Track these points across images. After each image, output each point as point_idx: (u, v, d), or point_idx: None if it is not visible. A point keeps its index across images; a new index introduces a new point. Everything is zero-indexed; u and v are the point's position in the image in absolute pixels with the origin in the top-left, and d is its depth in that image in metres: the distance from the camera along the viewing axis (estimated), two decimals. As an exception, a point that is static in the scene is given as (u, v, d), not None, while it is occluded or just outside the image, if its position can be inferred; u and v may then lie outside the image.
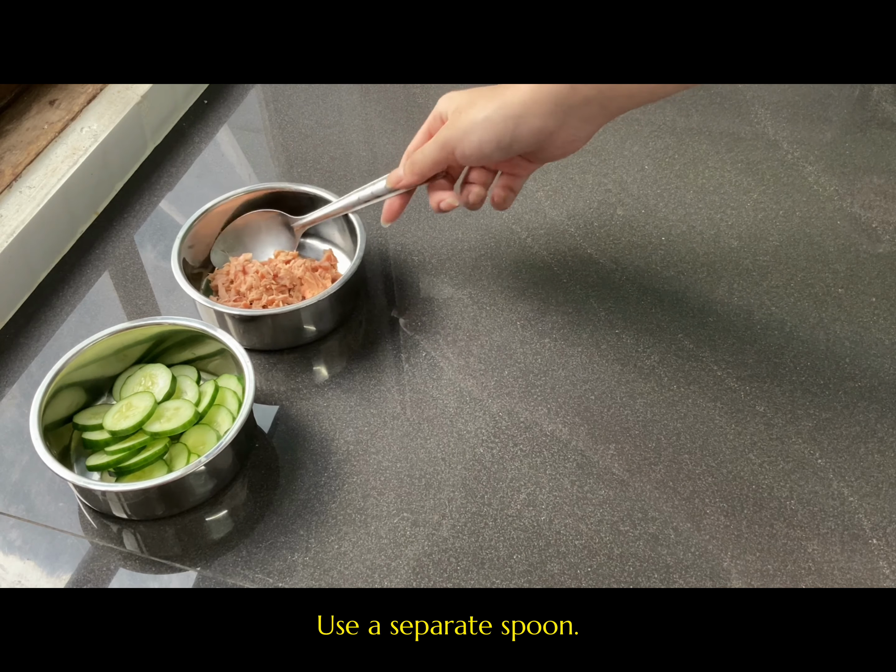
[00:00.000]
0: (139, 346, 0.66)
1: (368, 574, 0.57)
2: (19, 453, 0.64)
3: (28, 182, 0.77)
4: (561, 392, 0.67)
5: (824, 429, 0.64)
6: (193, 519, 0.61)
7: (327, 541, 0.59)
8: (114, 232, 0.81)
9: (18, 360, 0.71)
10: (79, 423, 0.64)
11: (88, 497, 0.60)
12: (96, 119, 0.84)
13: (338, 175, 0.86)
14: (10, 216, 0.74)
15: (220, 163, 0.89)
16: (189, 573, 0.58)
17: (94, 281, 0.77)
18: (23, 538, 0.60)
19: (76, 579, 0.58)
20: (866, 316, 0.72)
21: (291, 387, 0.68)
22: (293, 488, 0.62)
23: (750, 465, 0.62)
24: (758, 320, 0.72)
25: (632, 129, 0.90)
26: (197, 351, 0.67)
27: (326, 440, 0.65)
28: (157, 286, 0.77)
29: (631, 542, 0.58)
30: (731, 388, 0.67)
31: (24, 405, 0.67)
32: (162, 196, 0.85)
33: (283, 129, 0.93)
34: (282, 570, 0.57)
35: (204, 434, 0.62)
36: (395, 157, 0.88)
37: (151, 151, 0.89)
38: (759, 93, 0.93)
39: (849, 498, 0.60)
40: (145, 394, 0.63)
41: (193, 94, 0.95)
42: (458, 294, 0.75)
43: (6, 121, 0.82)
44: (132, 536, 0.60)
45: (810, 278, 0.75)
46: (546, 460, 0.63)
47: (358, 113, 0.95)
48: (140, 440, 0.61)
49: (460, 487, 0.62)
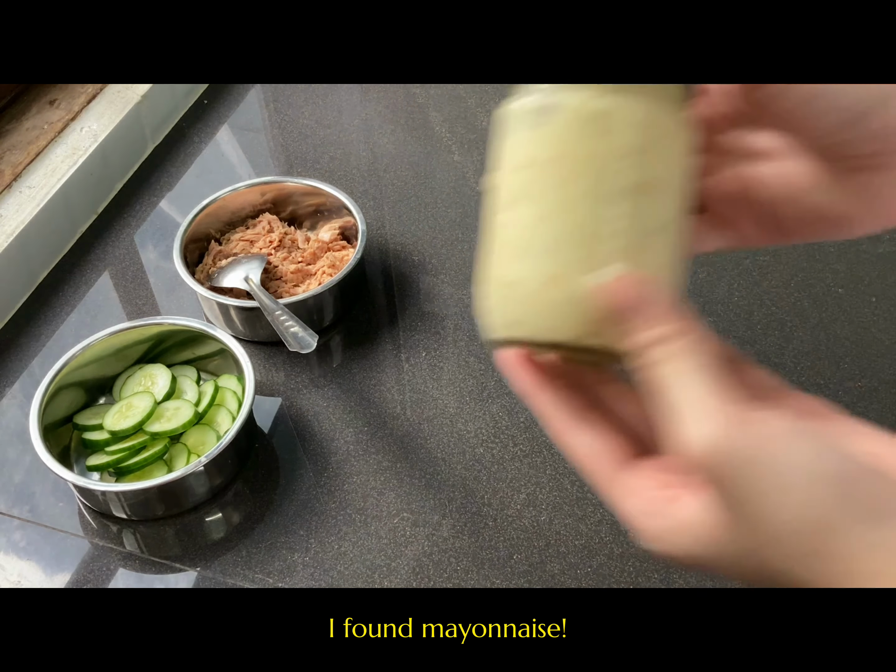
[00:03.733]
0: (139, 346, 0.66)
1: (368, 574, 0.57)
2: (21, 454, 0.64)
3: (28, 182, 0.77)
4: (561, 392, 0.67)
5: (824, 429, 0.64)
6: (193, 519, 0.60)
7: (327, 541, 0.59)
8: (114, 232, 0.81)
9: (19, 359, 0.71)
10: (79, 423, 0.64)
11: (88, 497, 0.60)
12: (96, 119, 0.84)
13: (338, 175, 0.86)
14: (9, 216, 0.74)
15: (220, 162, 0.89)
16: (189, 573, 0.58)
17: (94, 281, 0.77)
18: (23, 538, 0.60)
19: (76, 579, 0.58)
20: (866, 316, 0.72)
21: (292, 379, 0.68)
22: (293, 488, 0.62)
23: (750, 465, 0.62)
24: (758, 320, 0.72)
25: (632, 128, 0.90)
26: (197, 351, 0.67)
27: (326, 440, 0.65)
28: (157, 286, 0.77)
29: (631, 542, 0.58)
30: (731, 388, 0.67)
31: (26, 405, 0.67)
32: (162, 196, 0.85)
33: (283, 128, 0.93)
34: (282, 570, 0.57)
35: (204, 434, 0.62)
36: (395, 157, 0.88)
37: (151, 151, 0.89)
38: (760, 92, 0.93)
39: (849, 498, 0.60)
40: (145, 394, 0.63)
41: (193, 94, 0.95)
42: (458, 294, 0.75)
43: (6, 121, 0.82)
44: (132, 536, 0.60)
45: (810, 278, 0.75)
46: (546, 460, 0.63)
47: (358, 113, 0.95)
48: (140, 440, 0.61)
49: (460, 487, 0.62)
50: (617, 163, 0.31)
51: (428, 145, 0.89)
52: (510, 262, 0.32)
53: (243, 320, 0.70)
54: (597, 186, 0.31)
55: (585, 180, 0.31)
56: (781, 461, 0.26)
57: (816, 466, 0.26)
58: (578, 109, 0.32)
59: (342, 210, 0.76)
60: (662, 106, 0.33)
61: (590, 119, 0.32)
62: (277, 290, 0.72)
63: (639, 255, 0.31)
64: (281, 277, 0.73)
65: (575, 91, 0.32)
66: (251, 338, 0.71)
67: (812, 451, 0.26)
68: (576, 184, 0.31)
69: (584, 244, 0.31)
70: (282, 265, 0.73)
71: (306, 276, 0.73)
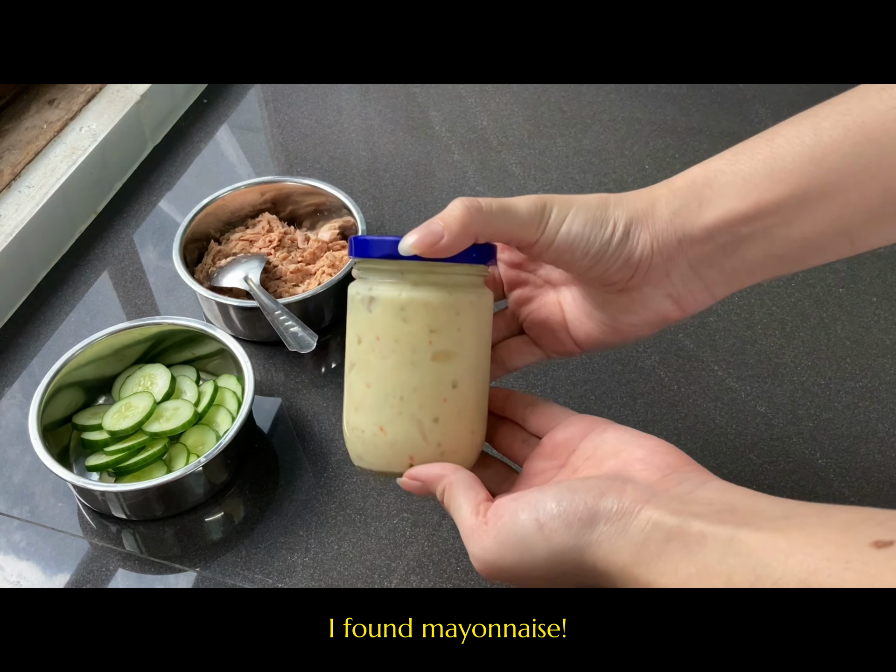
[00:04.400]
0: (138, 346, 0.66)
1: (368, 574, 0.57)
2: (21, 454, 0.64)
3: (27, 181, 0.77)
4: (561, 392, 0.67)
5: (825, 429, 0.64)
6: (193, 519, 0.60)
7: (327, 541, 0.59)
8: (113, 231, 0.81)
9: (18, 359, 0.71)
10: (78, 423, 0.64)
11: (88, 497, 0.60)
12: (95, 118, 0.84)
13: (337, 174, 0.86)
14: (9, 216, 0.74)
15: (220, 162, 0.89)
16: (188, 573, 0.58)
17: (94, 281, 0.77)
18: (23, 539, 0.60)
19: (75, 579, 0.58)
20: (867, 316, 0.72)
21: (292, 379, 0.68)
22: (293, 488, 0.62)
23: (751, 465, 0.62)
24: (758, 320, 0.72)
25: (632, 128, 0.90)
26: (196, 351, 0.67)
27: (326, 440, 0.65)
28: (157, 286, 0.77)
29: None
30: (731, 388, 0.67)
31: (26, 405, 0.67)
32: (161, 195, 0.85)
33: (283, 128, 0.93)
34: (281, 570, 0.57)
35: (203, 434, 0.62)
36: (395, 157, 0.88)
37: (151, 151, 0.89)
38: (760, 92, 0.93)
39: (850, 498, 0.60)
40: (144, 394, 0.63)
41: (193, 94, 0.95)
42: (458, 294, 0.75)
43: (5, 120, 0.82)
44: (131, 537, 0.60)
45: (811, 278, 0.75)
46: (546, 460, 0.63)
47: (358, 113, 0.94)
48: (139, 440, 0.61)
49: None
50: (416, 341, 0.43)
51: (428, 145, 0.89)
52: (354, 413, 0.46)
53: (243, 320, 0.70)
54: (402, 359, 0.43)
55: (396, 355, 0.43)
56: (515, 559, 0.39)
57: (533, 555, 0.38)
58: (390, 302, 0.43)
59: (342, 210, 0.76)
60: (454, 293, 0.44)
61: (396, 310, 0.43)
62: (277, 290, 0.71)
63: (438, 408, 0.44)
64: (280, 277, 0.73)
65: (389, 287, 0.43)
66: (251, 338, 0.71)
67: (529, 544, 0.38)
68: (388, 358, 0.43)
69: (395, 404, 0.44)
70: (281, 265, 0.73)
71: (306, 275, 0.73)
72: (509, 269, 0.51)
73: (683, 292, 0.45)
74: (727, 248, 0.43)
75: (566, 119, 0.92)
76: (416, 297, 0.43)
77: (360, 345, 0.45)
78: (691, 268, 0.44)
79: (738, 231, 0.42)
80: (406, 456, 0.44)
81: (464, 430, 0.45)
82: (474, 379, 0.45)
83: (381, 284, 0.44)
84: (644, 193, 0.45)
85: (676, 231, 0.43)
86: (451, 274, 0.44)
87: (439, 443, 0.44)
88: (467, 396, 0.45)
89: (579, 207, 0.43)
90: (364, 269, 0.45)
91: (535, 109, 0.93)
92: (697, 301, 0.45)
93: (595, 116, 0.92)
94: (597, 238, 0.43)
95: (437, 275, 0.43)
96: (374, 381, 0.44)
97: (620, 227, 0.43)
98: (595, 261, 0.43)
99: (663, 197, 0.44)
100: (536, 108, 0.93)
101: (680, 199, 0.43)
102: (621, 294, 0.45)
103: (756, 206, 0.42)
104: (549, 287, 0.50)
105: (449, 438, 0.45)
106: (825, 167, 0.41)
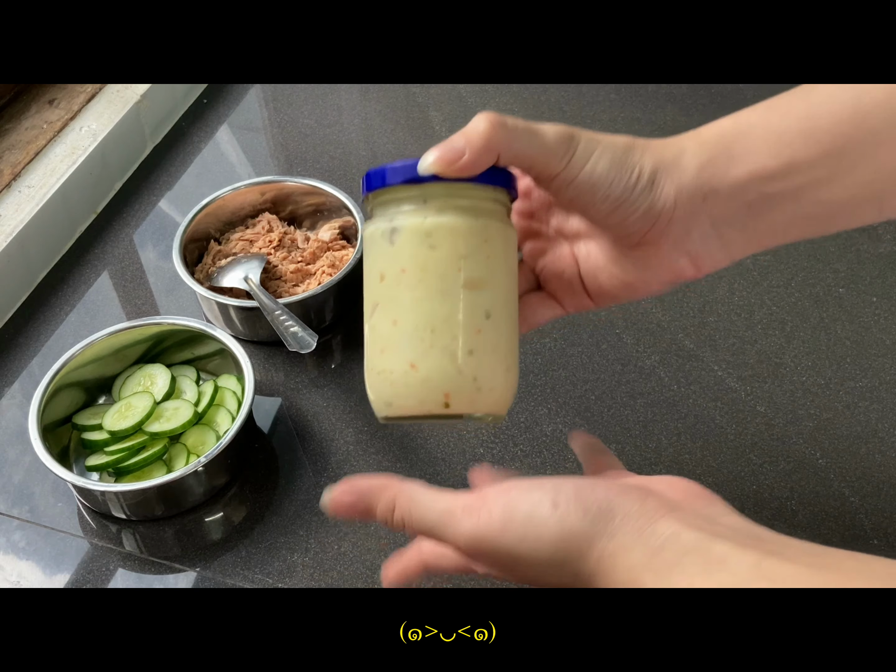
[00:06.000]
0: (138, 346, 0.66)
1: (368, 574, 0.57)
2: (21, 454, 0.64)
3: (27, 181, 0.77)
4: (561, 392, 0.67)
5: (825, 429, 0.64)
6: (193, 519, 0.60)
7: (327, 541, 0.59)
8: (113, 231, 0.81)
9: (18, 359, 0.71)
10: (78, 423, 0.64)
11: (88, 497, 0.60)
12: (95, 118, 0.84)
13: (337, 174, 0.86)
14: (9, 216, 0.74)
15: (220, 162, 0.89)
16: (188, 573, 0.58)
17: (94, 280, 0.77)
18: (23, 538, 0.60)
19: (75, 579, 0.58)
20: (867, 316, 0.72)
21: (292, 379, 0.68)
22: (293, 488, 0.62)
23: (750, 465, 0.62)
24: (758, 320, 0.72)
25: (632, 128, 0.90)
26: (196, 351, 0.67)
27: (326, 440, 0.65)
28: (157, 286, 0.77)
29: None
30: (731, 388, 0.67)
31: (26, 405, 0.67)
32: (161, 195, 0.85)
33: (283, 128, 0.93)
34: (281, 570, 0.57)
35: (203, 434, 0.62)
36: (394, 157, 0.88)
37: (151, 151, 0.89)
38: (760, 93, 0.93)
39: (850, 498, 0.60)
40: (144, 394, 0.63)
41: (193, 94, 0.95)
42: (458, 294, 0.75)
43: (5, 120, 0.82)
44: (131, 537, 0.60)
45: (811, 278, 0.75)
46: (546, 460, 0.63)
47: (358, 112, 0.94)
48: (139, 440, 0.61)
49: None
50: (445, 269, 0.40)
51: (428, 145, 0.89)
52: (380, 355, 0.41)
53: (243, 320, 0.70)
54: (431, 289, 0.40)
55: (424, 286, 0.40)
56: (515, 540, 0.37)
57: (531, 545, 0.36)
58: (414, 230, 0.40)
59: (342, 210, 0.76)
60: (480, 219, 0.41)
61: (422, 236, 0.40)
62: (277, 290, 0.71)
63: (472, 339, 0.40)
64: (280, 277, 0.73)
65: (412, 215, 0.40)
66: (251, 338, 0.71)
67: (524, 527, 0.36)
68: (416, 289, 0.40)
69: (427, 337, 0.40)
70: (281, 265, 0.73)
71: (306, 275, 0.73)
72: (521, 218, 0.48)
73: (701, 250, 0.42)
74: (753, 206, 0.41)
75: (566, 119, 0.92)
76: (442, 222, 0.40)
77: (382, 282, 0.41)
78: (713, 225, 0.41)
79: (767, 189, 0.40)
80: (441, 393, 0.40)
81: (499, 364, 0.41)
82: (507, 312, 0.42)
83: (402, 214, 0.41)
84: (670, 143, 0.42)
85: (703, 186, 0.41)
86: (475, 199, 0.41)
87: (475, 377, 0.40)
88: (501, 330, 0.41)
89: (606, 147, 0.41)
90: (382, 202, 0.42)
91: (535, 109, 0.93)
92: (714, 261, 0.43)
93: (595, 116, 0.92)
94: (620, 182, 0.40)
95: (462, 198, 0.41)
96: (402, 317, 0.40)
97: (646, 174, 0.40)
98: (615, 206, 0.40)
99: (690, 149, 0.41)
100: (536, 108, 0.93)
101: (708, 151, 0.41)
102: (636, 248, 0.43)
103: (788, 165, 0.39)
104: (562, 239, 0.47)
105: (485, 372, 0.41)
106: (864, 129, 0.39)
